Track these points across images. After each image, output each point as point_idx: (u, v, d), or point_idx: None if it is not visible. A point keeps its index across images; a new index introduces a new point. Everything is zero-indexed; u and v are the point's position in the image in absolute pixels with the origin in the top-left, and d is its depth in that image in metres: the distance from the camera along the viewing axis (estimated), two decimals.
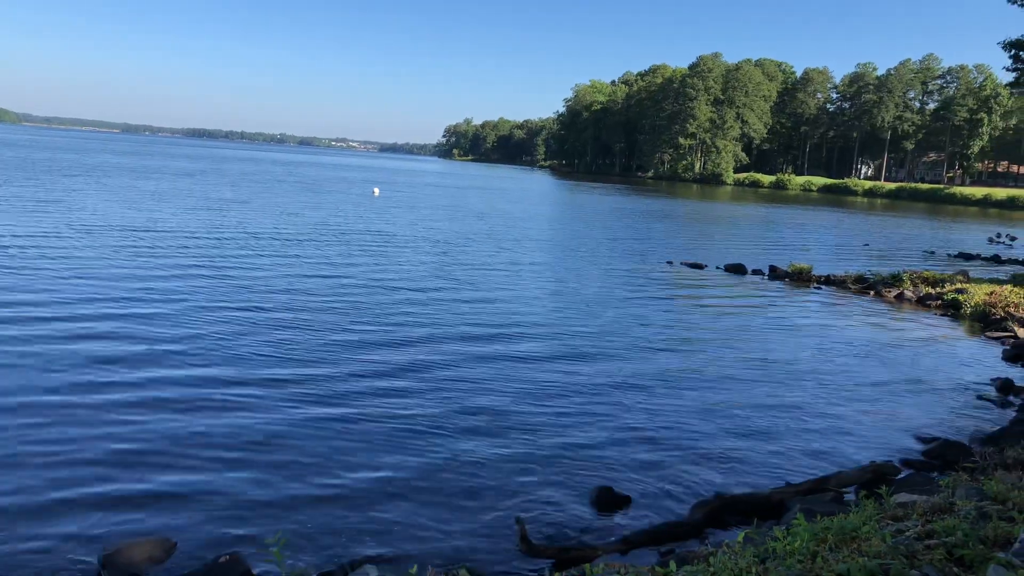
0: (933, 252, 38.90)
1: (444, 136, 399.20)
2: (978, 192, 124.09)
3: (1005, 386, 12.67)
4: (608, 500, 7.50)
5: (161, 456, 7.94)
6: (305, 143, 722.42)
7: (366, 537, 6.64)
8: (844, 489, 7.87)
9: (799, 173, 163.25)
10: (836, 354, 14.69)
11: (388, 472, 7.93)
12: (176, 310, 14.38)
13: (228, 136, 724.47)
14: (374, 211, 42.23)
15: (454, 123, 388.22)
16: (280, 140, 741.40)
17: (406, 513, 7.10)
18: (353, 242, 27.15)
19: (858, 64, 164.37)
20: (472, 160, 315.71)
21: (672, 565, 5.10)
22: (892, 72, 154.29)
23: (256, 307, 15.21)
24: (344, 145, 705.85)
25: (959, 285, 22.19)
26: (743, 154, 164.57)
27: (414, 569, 5.66)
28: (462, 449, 8.65)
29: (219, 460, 7.93)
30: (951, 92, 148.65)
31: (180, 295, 15.76)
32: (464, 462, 8.30)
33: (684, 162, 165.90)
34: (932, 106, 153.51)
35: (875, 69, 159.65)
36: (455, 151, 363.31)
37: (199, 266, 19.45)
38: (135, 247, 21.79)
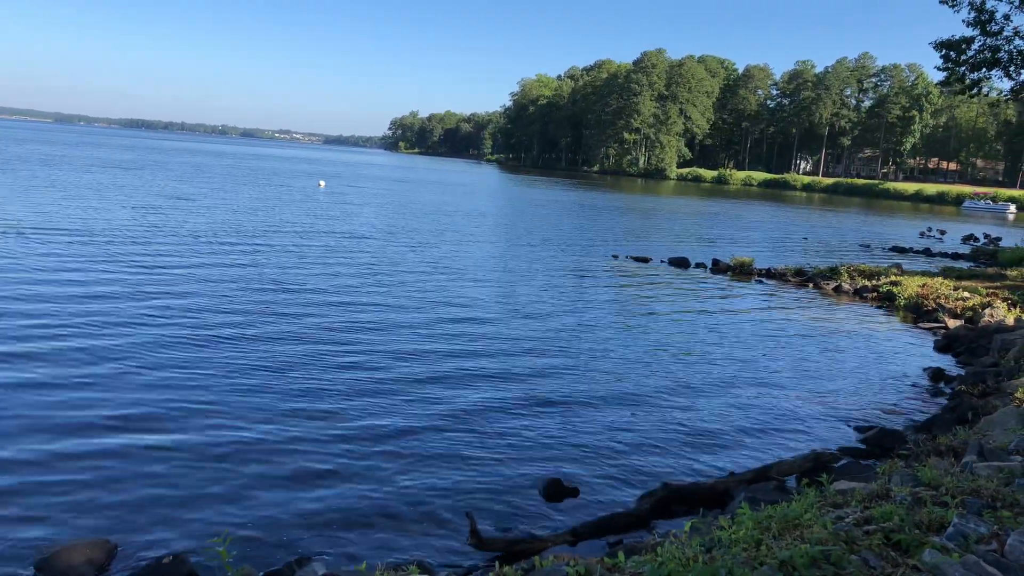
0: (869, 246, 40.04)
1: (390, 129, 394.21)
2: (910, 187, 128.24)
3: (937, 375, 13.18)
4: (557, 492, 7.55)
5: (98, 460, 7.71)
6: (248, 135, 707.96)
7: (314, 535, 6.56)
8: (786, 477, 8.06)
9: (740, 168, 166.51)
10: (777, 345, 15.03)
11: (335, 472, 7.84)
12: (101, 313, 13.83)
13: (168, 127, 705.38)
14: (319, 205, 41.63)
15: (400, 116, 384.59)
16: (222, 132, 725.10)
17: (355, 510, 7.03)
18: (296, 239, 26.72)
19: (797, 61, 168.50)
20: (419, 153, 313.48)
21: (620, 555, 5.17)
22: (829, 70, 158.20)
23: (196, 313, 14.87)
24: (288, 137, 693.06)
25: (893, 278, 22.95)
26: (686, 149, 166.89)
27: (363, 566, 5.62)
28: (409, 446, 8.61)
29: (159, 464, 7.73)
30: (885, 90, 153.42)
31: (104, 303, 15.03)
32: (412, 459, 8.26)
33: (629, 157, 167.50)
34: (867, 103, 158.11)
35: (813, 67, 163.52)
36: (401, 144, 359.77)
37: (122, 268, 18.42)
38: (34, 246, 20.76)
